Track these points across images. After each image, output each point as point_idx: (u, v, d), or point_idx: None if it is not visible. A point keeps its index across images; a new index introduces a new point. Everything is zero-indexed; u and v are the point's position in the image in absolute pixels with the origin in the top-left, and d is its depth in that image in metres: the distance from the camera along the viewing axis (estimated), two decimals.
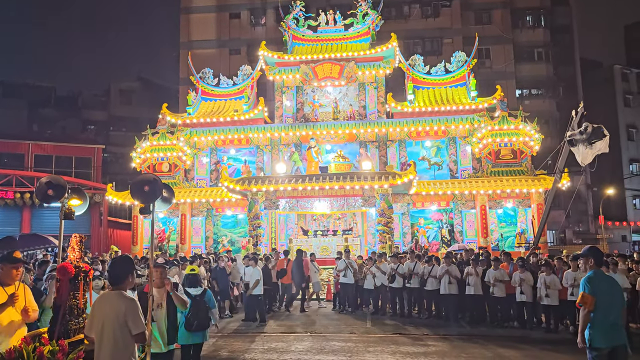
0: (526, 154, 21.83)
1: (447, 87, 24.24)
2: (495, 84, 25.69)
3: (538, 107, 34.93)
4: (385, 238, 19.11)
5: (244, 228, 22.22)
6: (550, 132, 34.29)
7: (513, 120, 21.74)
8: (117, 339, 4.44)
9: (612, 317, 5.39)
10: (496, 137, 21.68)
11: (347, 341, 10.63)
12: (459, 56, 24.70)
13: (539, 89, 39.73)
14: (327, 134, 23.04)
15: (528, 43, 38.63)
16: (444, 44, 36.65)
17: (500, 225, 21.87)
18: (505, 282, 12.45)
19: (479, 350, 9.74)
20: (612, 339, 5.34)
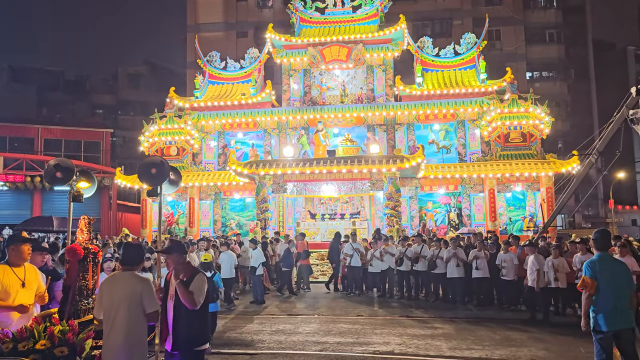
0: (536, 137, 21.64)
1: (456, 70, 23.99)
2: (505, 66, 25.36)
3: (549, 90, 34.56)
4: (392, 222, 19.11)
5: (252, 211, 22.31)
6: (560, 115, 34.00)
7: (523, 103, 21.52)
8: (132, 317, 4.50)
9: (617, 300, 5.35)
10: (505, 120, 21.48)
11: (355, 323, 10.69)
12: (468, 38, 24.39)
13: (550, 71, 39.24)
14: (335, 117, 22.95)
15: (539, 24, 38.05)
16: (454, 25, 36.19)
17: (508, 209, 21.78)
18: (515, 265, 12.44)
19: (486, 332, 9.76)
20: (617, 322, 5.31)
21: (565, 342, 8.85)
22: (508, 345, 8.70)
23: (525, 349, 8.49)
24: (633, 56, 42.56)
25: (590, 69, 40.15)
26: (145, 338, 4.60)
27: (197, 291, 4.81)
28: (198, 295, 4.81)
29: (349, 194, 21.35)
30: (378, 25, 23.80)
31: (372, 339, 9.20)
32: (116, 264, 7.89)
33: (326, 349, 8.46)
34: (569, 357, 7.96)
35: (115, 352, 4.42)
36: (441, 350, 8.38)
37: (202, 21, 37.48)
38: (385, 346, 8.62)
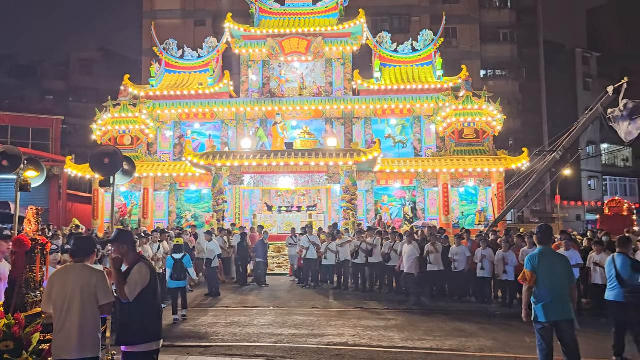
0: (488, 134, 22.29)
1: (414, 66, 24.38)
2: (460, 63, 26.00)
3: (501, 88, 35.58)
4: (349, 215, 19.31)
5: (208, 203, 22.05)
6: (512, 113, 35.09)
7: (477, 100, 22.11)
8: (85, 309, 4.38)
9: (556, 292, 5.60)
10: (460, 117, 22.02)
11: (310, 315, 10.78)
12: (426, 35, 24.80)
13: (503, 70, 40.42)
14: (293, 110, 22.93)
15: (494, 24, 39.11)
16: (412, 22, 36.70)
17: (461, 203, 22.38)
18: (467, 258, 12.82)
19: (437, 323, 10.04)
20: (555, 314, 5.57)
21: (512, 333, 9.21)
22: (458, 336, 8.98)
23: (474, 339, 8.79)
24: (581, 58, 44.29)
25: (541, 69, 41.57)
26: (98, 331, 4.50)
27: (130, 282, 4.50)
28: (129, 286, 4.47)
29: (306, 186, 21.44)
30: (338, 18, 23.88)
31: (327, 330, 9.31)
32: (62, 256, 7.65)
33: (281, 340, 8.51)
34: (515, 346, 8.29)
35: (68, 345, 4.31)
36: (394, 341, 8.57)
37: (158, 8, 36.58)
38: (340, 337, 8.74)
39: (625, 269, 7.12)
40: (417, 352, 7.78)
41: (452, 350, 8.00)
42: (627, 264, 7.15)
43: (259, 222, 19.68)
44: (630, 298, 7.12)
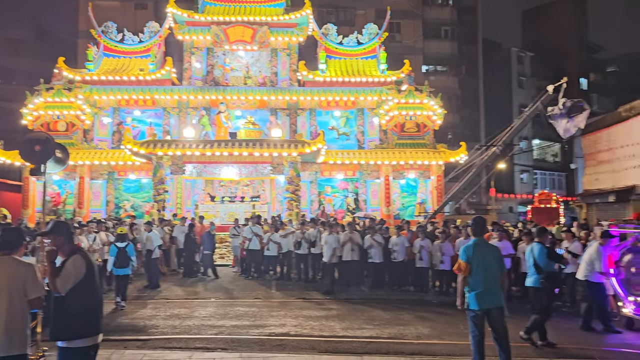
0: (429, 127, 22.89)
1: (359, 59, 24.63)
2: (403, 58, 26.42)
3: (442, 84, 36.53)
4: (292, 205, 19.36)
5: (148, 193, 21.46)
6: (451, 108, 36.12)
7: (419, 94, 22.63)
8: (13, 303, 4.18)
9: (488, 281, 5.90)
10: (402, 110, 22.49)
11: (252, 306, 10.77)
12: (370, 28, 25.09)
13: (444, 65, 41.52)
14: (238, 99, 22.65)
15: (436, 20, 40.07)
16: (357, 15, 36.98)
17: (402, 195, 22.92)
18: (406, 248, 13.17)
19: (377, 312, 10.29)
20: (487, 301, 5.86)
21: (448, 320, 9.58)
22: (397, 324, 9.24)
23: (412, 327, 9.08)
24: (516, 57, 46.21)
25: (479, 66, 43.07)
26: (27, 326, 4.31)
27: (63, 275, 4.32)
28: (61, 279, 4.30)
29: (249, 177, 21.29)
30: (284, 8, 23.74)
31: (269, 321, 9.34)
32: None
33: (222, 332, 8.46)
34: (451, 333, 8.63)
35: None
36: (335, 330, 8.71)
37: None
38: (281, 328, 8.79)
39: (542, 257, 7.63)
40: (357, 341, 7.95)
41: (390, 338, 8.23)
42: (543, 253, 7.68)
43: (201, 212, 19.37)
44: (545, 284, 7.67)
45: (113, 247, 10.97)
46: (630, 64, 61.59)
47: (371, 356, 6.85)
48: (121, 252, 10.75)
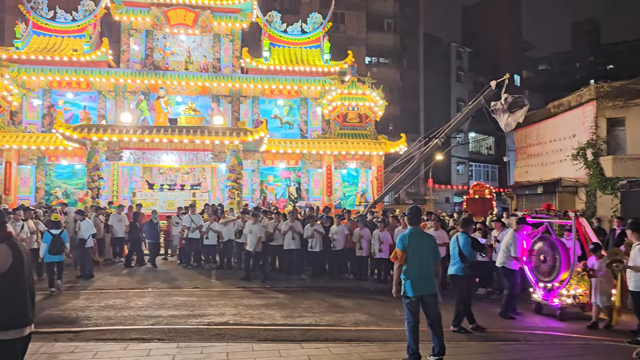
0: (370, 118, 23.25)
1: (303, 48, 24.59)
2: (347, 49, 26.68)
3: (384, 75, 37.17)
4: (234, 194, 19.19)
5: (82, 179, 20.62)
6: (393, 100, 36.81)
7: (361, 85, 22.92)
8: None
9: (423, 269, 6.11)
10: (345, 101, 22.71)
11: (190, 296, 10.62)
12: (315, 18, 25.09)
13: (386, 58, 42.19)
14: (179, 84, 22.10)
15: (379, 12, 40.59)
16: (302, 3, 36.87)
17: (343, 184, 23.22)
18: (346, 237, 13.38)
19: (317, 300, 10.41)
20: (422, 289, 6.08)
21: (385, 307, 9.84)
22: (336, 312, 9.40)
23: (351, 314, 9.26)
24: (455, 52, 47.66)
25: (420, 60, 44.09)
26: None
27: None
28: None
29: (190, 164, 20.87)
30: None
31: (208, 310, 9.25)
32: None
33: (159, 322, 8.30)
34: (387, 319, 8.88)
35: None
36: (274, 318, 8.75)
37: None
38: (221, 317, 8.73)
39: (466, 247, 7.99)
40: (297, 329, 8.02)
41: (329, 325, 8.36)
42: (468, 242, 8.04)
43: (138, 200, 18.84)
44: (468, 272, 8.08)
45: (47, 234, 10.85)
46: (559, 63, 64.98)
47: (310, 343, 6.93)
48: (56, 239, 10.72)
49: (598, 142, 19.48)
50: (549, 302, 9.33)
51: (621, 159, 18.70)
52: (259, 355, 6.26)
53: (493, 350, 6.95)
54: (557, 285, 9.25)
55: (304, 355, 6.26)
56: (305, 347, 6.71)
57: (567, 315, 9.18)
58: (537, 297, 9.64)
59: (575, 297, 9.26)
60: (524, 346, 7.28)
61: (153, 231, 15.02)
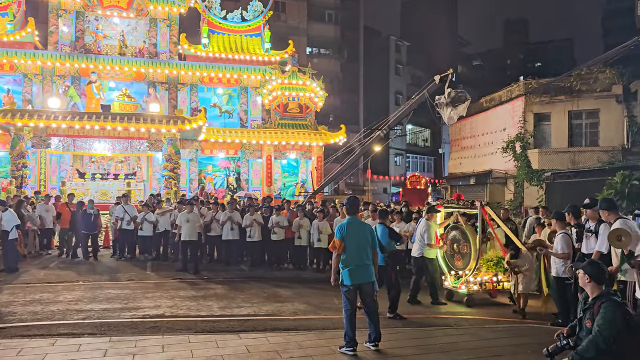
0: (311, 109, 23.30)
1: (243, 36, 24.23)
2: (288, 38, 26.56)
3: (325, 67, 37.31)
4: (171, 184, 18.72)
5: (5, 168, 19.39)
6: (333, 91, 37.05)
7: (302, 76, 22.89)
8: None
9: (360, 258, 6.23)
10: (285, 91, 22.61)
11: (124, 288, 10.29)
12: (256, 5, 24.76)
13: (327, 49, 42.35)
14: (112, 69, 21.20)
15: (321, 3, 40.62)
16: None
17: (283, 175, 23.19)
18: (285, 227, 13.38)
19: (256, 291, 10.38)
20: (360, 277, 6.19)
21: (324, 296, 9.95)
22: (274, 302, 9.40)
23: (290, 303, 9.30)
24: (394, 45, 48.53)
25: (360, 52, 44.59)
26: None
27: None
28: None
29: (124, 153, 20.15)
30: None
31: (143, 303, 9.00)
32: None
33: (90, 316, 7.99)
34: (325, 308, 8.98)
35: None
36: (212, 310, 8.64)
37: None
38: (156, 309, 8.52)
39: (384, 237, 8.23)
40: (235, 320, 7.96)
41: (268, 315, 8.36)
42: (385, 233, 8.29)
43: (68, 190, 17.97)
44: (389, 261, 8.36)
45: None
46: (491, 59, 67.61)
47: (248, 333, 6.90)
48: None
49: (526, 136, 20.51)
50: (458, 289, 9.64)
51: (546, 152, 19.80)
52: (196, 347, 6.17)
53: (426, 335, 7.20)
54: (467, 272, 9.56)
55: (241, 346, 6.23)
56: (243, 337, 6.68)
57: (474, 302, 9.46)
58: (447, 285, 9.98)
59: (482, 285, 9.54)
60: (455, 331, 7.59)
61: (87, 222, 14.34)
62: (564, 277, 7.64)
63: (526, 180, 20.21)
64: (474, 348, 6.41)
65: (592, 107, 19.28)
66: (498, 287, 9.64)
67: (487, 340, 6.94)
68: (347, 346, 6.06)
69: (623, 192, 12.63)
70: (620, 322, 4.28)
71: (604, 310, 4.33)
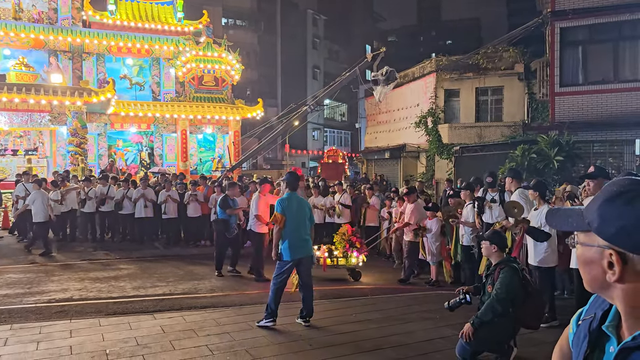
0: (227, 82, 22.75)
1: (153, 4, 23.04)
2: (202, 8, 25.54)
3: (241, 38, 36.45)
4: (77, 160, 17.67)
5: None
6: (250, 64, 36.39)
7: (217, 48, 22.22)
8: None
9: (301, 233, 6.29)
10: (200, 63, 21.87)
11: (27, 272, 9.66)
12: None
13: (243, 20, 41.37)
14: (6, 35, 19.40)
15: None
16: None
17: (199, 150, 22.61)
18: (202, 203, 13.11)
19: (171, 269, 10.15)
20: (300, 251, 6.26)
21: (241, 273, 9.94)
22: (191, 280, 9.25)
23: (207, 281, 9.18)
24: (311, 19, 48.28)
25: (277, 25, 43.98)
26: None
27: None
28: None
29: (23, 127, 18.66)
30: None
31: (48, 287, 8.51)
32: None
33: None
34: (243, 284, 8.98)
35: None
36: (125, 290, 8.35)
37: None
38: (63, 293, 8.09)
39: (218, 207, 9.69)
40: (149, 300, 7.75)
41: (184, 294, 8.21)
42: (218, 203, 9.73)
43: None
44: (219, 228, 9.85)
45: None
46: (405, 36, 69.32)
47: (163, 313, 6.75)
48: None
49: (437, 111, 21.35)
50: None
51: (455, 126, 20.75)
52: (107, 330, 5.95)
53: (345, 305, 7.40)
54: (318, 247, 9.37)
55: (156, 326, 6.08)
56: (158, 317, 6.52)
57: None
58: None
59: (336, 259, 9.24)
60: (370, 300, 7.87)
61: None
62: (470, 245, 8.14)
63: (437, 154, 21.12)
64: (386, 317, 6.69)
65: (497, 84, 20.38)
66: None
67: (397, 308, 7.26)
68: (266, 318, 6.08)
69: (523, 164, 13.53)
70: (516, 286, 4.64)
71: (502, 276, 4.67)
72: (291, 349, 5.35)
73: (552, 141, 13.94)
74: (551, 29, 15.96)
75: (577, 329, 1.38)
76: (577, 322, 1.41)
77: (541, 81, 17.64)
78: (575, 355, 1.35)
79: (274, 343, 5.53)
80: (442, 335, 5.80)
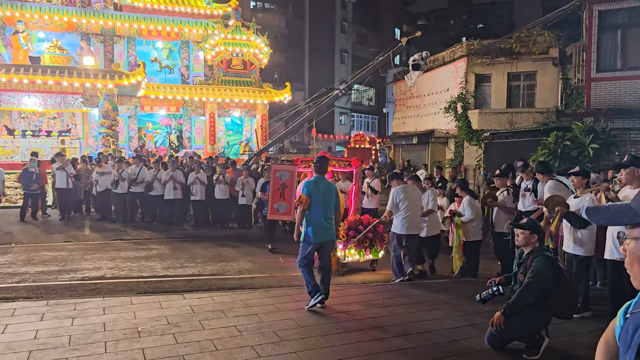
0: (255, 66, 22.76)
1: None
2: None
3: (269, 22, 36.37)
4: (109, 142, 18.02)
5: None
6: (278, 48, 36.28)
7: (246, 31, 22.21)
8: None
9: (326, 217, 6.29)
10: (228, 46, 21.92)
11: (62, 250, 9.93)
12: None
13: (271, 3, 41.18)
14: (40, 18, 19.75)
15: None
16: None
17: (227, 133, 22.76)
18: (229, 186, 13.23)
19: (200, 250, 10.29)
20: (324, 235, 6.27)
21: (268, 255, 10.02)
22: (219, 261, 9.37)
23: (235, 262, 9.30)
24: (340, 2, 47.74)
25: (306, 8, 43.63)
26: None
27: None
28: None
29: (57, 108, 19.07)
30: None
31: (82, 265, 8.74)
32: None
33: (25, 279, 7.69)
34: (270, 266, 9.05)
35: None
36: (155, 270, 8.51)
37: None
38: (96, 271, 8.30)
39: None
40: (179, 280, 7.89)
41: (212, 275, 8.33)
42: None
43: None
44: None
45: None
46: (435, 19, 68.09)
47: (192, 294, 6.86)
48: None
49: (467, 97, 20.98)
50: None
51: (486, 112, 20.37)
52: (139, 308, 6.07)
53: (371, 290, 7.39)
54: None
55: (186, 306, 6.19)
56: (187, 297, 6.63)
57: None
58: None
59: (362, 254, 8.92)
60: (396, 285, 7.83)
61: (28, 181, 13.64)
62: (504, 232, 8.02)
63: (466, 140, 20.79)
64: (414, 303, 6.66)
65: (530, 69, 19.87)
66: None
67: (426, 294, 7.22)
68: (312, 295, 6.12)
69: (556, 152, 13.21)
70: (549, 275, 4.55)
71: (535, 264, 4.58)
72: (318, 332, 5.38)
73: (587, 128, 13.57)
74: (589, 12, 15.44)
75: (625, 322, 1.34)
76: (624, 315, 1.36)
77: (577, 66, 17.12)
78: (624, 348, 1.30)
79: (301, 326, 5.57)
80: (471, 322, 5.75)
